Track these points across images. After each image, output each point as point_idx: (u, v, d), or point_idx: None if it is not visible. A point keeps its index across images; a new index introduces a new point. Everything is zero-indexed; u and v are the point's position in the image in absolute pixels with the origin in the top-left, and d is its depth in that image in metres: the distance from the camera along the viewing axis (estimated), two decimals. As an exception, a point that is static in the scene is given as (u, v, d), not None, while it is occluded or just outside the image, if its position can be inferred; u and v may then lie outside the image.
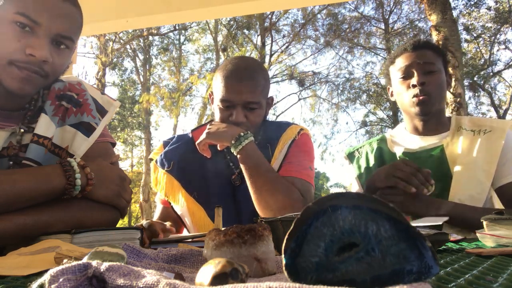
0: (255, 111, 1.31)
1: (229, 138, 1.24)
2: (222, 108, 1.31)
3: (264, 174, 1.21)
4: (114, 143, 1.10)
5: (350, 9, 14.10)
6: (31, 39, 0.86)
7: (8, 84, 0.87)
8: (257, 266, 0.51)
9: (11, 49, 0.85)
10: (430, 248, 0.35)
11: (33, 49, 0.85)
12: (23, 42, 0.85)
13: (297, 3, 5.03)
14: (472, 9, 12.87)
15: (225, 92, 1.29)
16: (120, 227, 0.84)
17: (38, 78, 0.89)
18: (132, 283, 0.34)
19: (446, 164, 1.35)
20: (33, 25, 0.86)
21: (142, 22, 3.12)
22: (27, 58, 0.85)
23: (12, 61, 0.85)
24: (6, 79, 0.86)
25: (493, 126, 1.37)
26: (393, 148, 1.49)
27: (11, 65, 0.86)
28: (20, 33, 0.85)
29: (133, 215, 16.39)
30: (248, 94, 1.28)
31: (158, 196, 1.48)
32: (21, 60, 0.85)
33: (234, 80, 1.29)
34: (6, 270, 0.52)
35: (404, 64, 1.40)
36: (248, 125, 1.30)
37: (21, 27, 0.85)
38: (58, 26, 0.89)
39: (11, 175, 0.79)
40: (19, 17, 0.85)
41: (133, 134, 17.25)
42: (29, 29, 0.86)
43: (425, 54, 1.39)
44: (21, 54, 0.85)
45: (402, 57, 1.42)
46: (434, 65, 1.38)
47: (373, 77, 15.09)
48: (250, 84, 1.29)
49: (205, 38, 15.43)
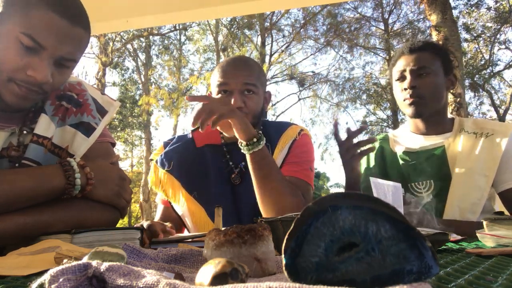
0: (252, 96, 1.32)
1: (249, 135, 1.15)
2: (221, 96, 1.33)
3: (276, 176, 1.19)
4: (114, 143, 1.10)
5: (350, 9, 14.11)
6: (33, 60, 0.83)
7: (7, 99, 0.87)
8: (257, 266, 0.51)
9: (12, 67, 0.83)
10: (430, 248, 0.35)
11: (34, 71, 0.83)
12: (25, 61, 0.83)
13: (297, 3, 5.03)
14: (472, 9, 12.87)
15: (222, 77, 1.33)
16: (120, 227, 0.84)
17: (36, 95, 0.89)
18: (132, 283, 0.34)
19: (447, 164, 1.36)
20: (37, 47, 0.83)
21: (142, 22, 3.12)
22: (27, 78, 0.84)
23: (12, 78, 0.84)
24: (6, 94, 0.86)
25: (495, 130, 1.37)
26: (395, 147, 1.51)
27: (10, 82, 0.85)
28: (22, 52, 0.83)
29: (133, 215, 16.38)
30: (244, 77, 1.32)
31: (158, 196, 1.48)
32: (21, 79, 0.84)
33: (229, 66, 1.36)
34: (6, 270, 0.52)
35: (400, 67, 1.44)
36: (247, 111, 1.30)
37: (25, 47, 0.83)
38: (63, 49, 0.86)
39: (11, 175, 0.79)
40: (24, 38, 0.82)
41: (133, 134, 17.26)
42: (32, 50, 0.83)
43: (420, 57, 1.41)
44: (22, 74, 0.84)
45: (400, 59, 1.46)
46: (428, 68, 1.40)
47: (373, 77, 15.10)
48: (245, 68, 1.35)
49: (206, 38, 15.42)
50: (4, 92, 0.86)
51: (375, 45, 15.00)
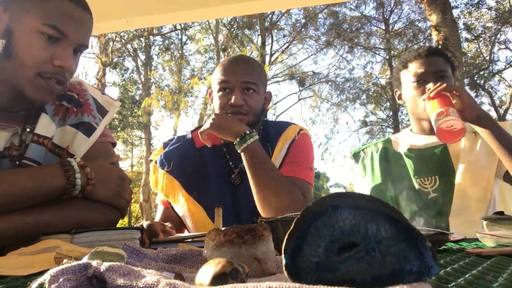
0: (253, 95, 1.33)
1: (234, 135, 1.23)
2: (221, 94, 1.34)
3: (268, 173, 1.21)
4: (114, 143, 1.10)
5: (352, 9, 14.11)
6: (57, 50, 0.87)
7: (33, 95, 0.87)
8: (257, 266, 0.51)
9: (39, 61, 0.85)
10: (430, 248, 0.35)
11: (61, 60, 0.86)
12: (50, 53, 0.86)
13: (297, 3, 5.03)
14: (472, 9, 12.87)
15: (223, 75, 1.34)
16: (120, 227, 0.84)
17: (58, 87, 0.91)
18: (132, 283, 0.34)
19: (450, 161, 1.40)
20: (60, 36, 0.86)
21: (142, 22, 3.12)
22: (55, 69, 0.87)
23: (41, 72, 0.86)
24: (32, 90, 0.87)
25: None
26: (398, 148, 1.53)
27: (38, 77, 0.86)
28: (47, 44, 0.86)
29: (133, 215, 16.37)
30: (245, 75, 1.32)
31: (158, 197, 1.48)
32: (49, 71, 0.86)
33: (231, 64, 1.37)
34: (6, 270, 0.52)
35: (419, 70, 1.43)
36: (247, 109, 1.31)
37: (47, 38, 0.86)
38: (81, 36, 0.91)
39: (11, 175, 0.79)
40: (47, 29, 0.85)
41: (133, 134, 17.25)
42: (54, 40, 0.86)
43: (438, 61, 1.43)
44: (49, 65, 0.86)
45: (416, 62, 1.45)
46: (446, 72, 1.43)
47: (373, 77, 15.10)
48: (247, 66, 1.36)
49: (207, 38, 15.41)
50: (31, 88, 0.87)
51: (376, 45, 15.01)
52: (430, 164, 1.41)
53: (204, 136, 1.28)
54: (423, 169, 1.42)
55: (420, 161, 1.43)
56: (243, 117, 1.31)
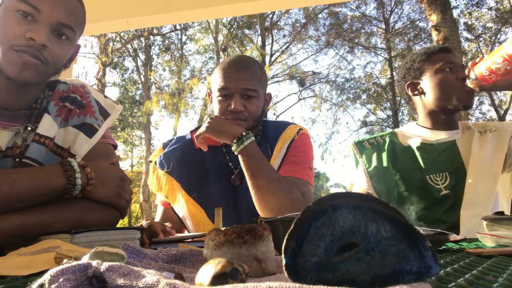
0: (253, 101, 1.33)
1: (231, 136, 1.23)
2: (220, 99, 1.33)
3: (266, 174, 1.21)
4: (115, 146, 1.10)
5: (352, 8, 14.11)
6: (31, 26, 0.88)
7: (8, 70, 0.87)
8: (257, 266, 0.51)
9: (12, 35, 0.87)
10: (430, 248, 0.35)
11: (33, 33, 0.87)
12: (24, 28, 0.87)
13: (297, 3, 5.03)
14: (473, 9, 12.87)
15: (223, 81, 1.32)
16: (120, 227, 0.84)
17: (37, 65, 0.89)
18: (132, 283, 0.34)
19: (460, 158, 1.42)
20: (34, 11, 0.87)
21: (142, 22, 3.12)
22: (27, 42, 0.87)
23: (12, 46, 0.86)
24: (6, 65, 0.87)
25: (497, 127, 1.47)
26: (405, 141, 1.52)
27: (11, 50, 0.87)
28: (21, 21, 0.87)
29: (133, 215, 16.37)
30: (245, 81, 1.31)
31: (158, 198, 1.48)
32: (21, 44, 0.87)
33: (231, 68, 1.34)
34: (6, 270, 0.52)
35: (445, 59, 1.47)
36: (247, 115, 1.31)
37: (23, 16, 0.87)
38: (59, 14, 0.90)
39: (11, 175, 0.79)
40: (21, 5, 0.87)
41: (133, 134, 17.24)
42: (30, 18, 0.88)
43: (456, 56, 1.50)
44: (21, 39, 0.87)
45: (438, 55, 1.49)
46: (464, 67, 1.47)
47: (373, 77, 15.09)
48: (247, 72, 1.33)
49: (207, 38, 15.41)
50: (7, 64, 0.87)
51: (376, 45, 15.01)
52: (441, 160, 1.42)
53: (200, 140, 1.28)
54: (435, 165, 1.42)
55: (432, 157, 1.44)
56: (243, 123, 1.31)
